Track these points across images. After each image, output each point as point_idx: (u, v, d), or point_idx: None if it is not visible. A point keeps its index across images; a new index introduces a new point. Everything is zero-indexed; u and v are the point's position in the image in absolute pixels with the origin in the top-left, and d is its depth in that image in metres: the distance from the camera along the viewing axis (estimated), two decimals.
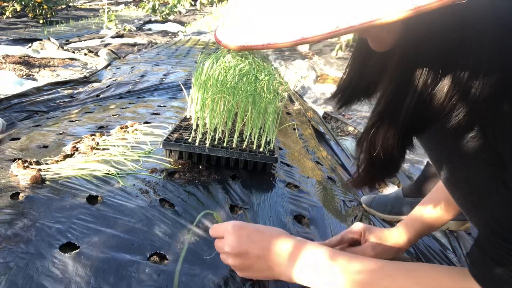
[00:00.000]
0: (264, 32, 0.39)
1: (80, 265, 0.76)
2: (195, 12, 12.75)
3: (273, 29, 0.39)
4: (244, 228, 0.71)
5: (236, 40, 0.42)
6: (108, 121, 1.74)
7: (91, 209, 0.94)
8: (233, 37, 0.42)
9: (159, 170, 1.18)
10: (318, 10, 0.37)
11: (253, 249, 0.68)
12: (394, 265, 0.62)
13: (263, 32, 0.39)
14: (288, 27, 0.38)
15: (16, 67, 3.82)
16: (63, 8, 11.04)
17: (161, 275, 0.78)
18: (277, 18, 0.39)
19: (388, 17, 0.35)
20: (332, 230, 1.06)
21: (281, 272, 0.68)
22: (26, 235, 0.82)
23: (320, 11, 0.37)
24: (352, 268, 0.63)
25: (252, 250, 0.68)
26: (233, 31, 0.43)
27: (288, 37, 0.38)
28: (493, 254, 0.50)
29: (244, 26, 0.42)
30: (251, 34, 0.40)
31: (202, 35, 7.20)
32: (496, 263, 0.50)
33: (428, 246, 1.14)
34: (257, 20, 0.40)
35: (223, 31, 0.45)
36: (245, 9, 0.42)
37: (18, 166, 1.08)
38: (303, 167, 1.46)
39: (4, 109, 2.38)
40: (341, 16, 0.36)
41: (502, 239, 0.48)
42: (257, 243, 0.68)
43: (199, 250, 0.86)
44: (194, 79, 1.40)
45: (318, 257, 0.66)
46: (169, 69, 3.44)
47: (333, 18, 0.36)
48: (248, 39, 0.40)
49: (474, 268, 0.54)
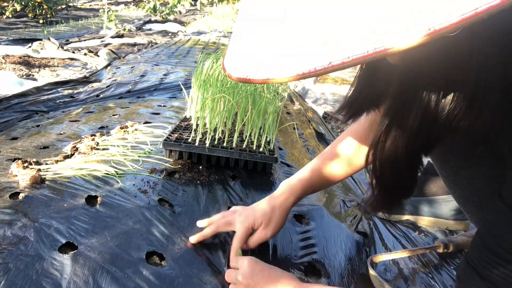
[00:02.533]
0: (265, 66, 0.38)
1: (79, 265, 0.76)
2: (195, 12, 12.75)
3: (274, 64, 0.38)
4: (259, 264, 0.75)
5: (237, 72, 0.42)
6: (108, 121, 1.74)
7: (90, 210, 0.94)
8: (234, 68, 0.43)
9: (158, 170, 1.18)
10: (327, 44, 0.34)
11: (263, 283, 0.71)
12: None
13: (263, 66, 0.39)
14: (290, 63, 0.36)
15: (16, 67, 3.82)
16: (63, 8, 11.04)
17: (159, 276, 0.77)
18: (280, 52, 0.37)
19: (401, 44, 0.31)
20: (332, 229, 1.06)
21: None
22: (25, 235, 0.82)
23: (327, 46, 0.34)
24: None
25: (261, 283, 0.71)
26: (235, 61, 0.43)
27: (288, 73, 0.36)
28: (480, 268, 0.49)
29: (246, 58, 0.41)
30: (252, 67, 0.40)
31: (202, 35, 7.20)
32: (481, 277, 0.49)
33: (427, 244, 1.13)
34: (259, 54, 0.40)
35: (228, 60, 0.45)
36: (248, 41, 0.42)
37: (17, 166, 1.08)
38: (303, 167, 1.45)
39: (4, 109, 2.37)
40: (347, 51, 0.33)
41: (492, 254, 0.48)
42: (267, 278, 0.72)
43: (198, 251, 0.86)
44: (194, 79, 1.40)
45: None
46: (169, 69, 3.44)
47: (340, 52, 0.33)
48: (249, 72, 0.40)
49: (460, 283, 0.53)
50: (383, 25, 0.31)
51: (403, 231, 1.19)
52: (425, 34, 0.29)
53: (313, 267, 0.91)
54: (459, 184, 0.64)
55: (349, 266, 0.95)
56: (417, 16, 0.30)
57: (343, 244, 1.02)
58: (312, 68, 0.35)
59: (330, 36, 0.34)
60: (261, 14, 0.40)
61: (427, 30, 0.29)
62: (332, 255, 0.96)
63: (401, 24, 0.31)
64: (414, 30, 0.30)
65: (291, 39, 0.37)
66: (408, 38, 0.30)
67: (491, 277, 0.48)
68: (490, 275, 0.48)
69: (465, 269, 0.51)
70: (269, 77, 0.38)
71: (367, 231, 1.14)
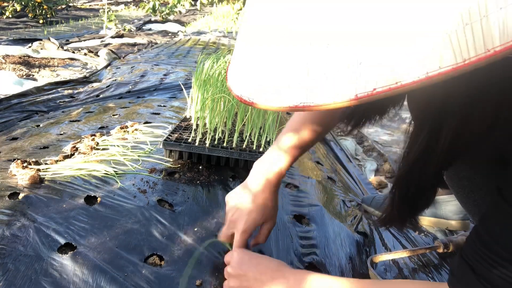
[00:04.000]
0: (268, 92, 0.37)
1: (78, 265, 0.76)
2: (195, 12, 12.74)
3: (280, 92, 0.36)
4: (248, 254, 0.75)
5: (239, 90, 0.40)
6: (108, 121, 1.74)
7: (89, 210, 0.94)
8: (237, 85, 0.41)
9: (158, 170, 1.18)
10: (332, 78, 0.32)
11: (252, 271, 0.71)
12: (370, 281, 0.63)
13: (267, 92, 0.37)
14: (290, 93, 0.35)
15: (16, 67, 3.82)
16: (63, 8, 11.04)
17: (158, 276, 0.77)
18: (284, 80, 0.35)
19: (410, 79, 0.30)
20: (332, 229, 1.06)
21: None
22: (24, 235, 0.82)
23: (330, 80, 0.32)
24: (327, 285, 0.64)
25: (251, 272, 0.71)
26: (239, 77, 0.41)
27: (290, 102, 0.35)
28: (474, 263, 0.49)
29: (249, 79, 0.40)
30: (255, 89, 0.38)
31: (202, 35, 7.20)
32: (474, 272, 0.49)
33: (428, 244, 1.13)
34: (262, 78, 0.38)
35: (232, 73, 0.43)
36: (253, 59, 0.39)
37: (17, 166, 1.08)
38: (303, 167, 1.45)
39: (4, 109, 2.37)
40: (358, 84, 0.31)
41: (489, 250, 0.47)
42: (256, 266, 0.72)
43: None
44: (194, 79, 1.40)
45: (312, 283, 0.67)
46: (169, 69, 3.44)
47: (346, 87, 0.32)
48: (251, 95, 0.39)
49: (452, 276, 0.53)
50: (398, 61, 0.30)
51: (403, 231, 1.19)
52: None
53: (313, 267, 0.91)
54: (461, 184, 0.64)
55: (349, 266, 0.95)
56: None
57: (343, 244, 1.02)
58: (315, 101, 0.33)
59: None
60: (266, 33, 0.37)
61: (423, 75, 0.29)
62: (333, 255, 0.96)
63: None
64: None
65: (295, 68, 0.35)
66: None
67: (484, 273, 0.48)
68: (483, 270, 0.48)
69: (459, 264, 0.51)
70: (274, 105, 0.36)
71: (367, 231, 1.13)
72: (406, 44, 0.30)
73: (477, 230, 0.50)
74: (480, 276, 0.48)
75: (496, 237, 0.47)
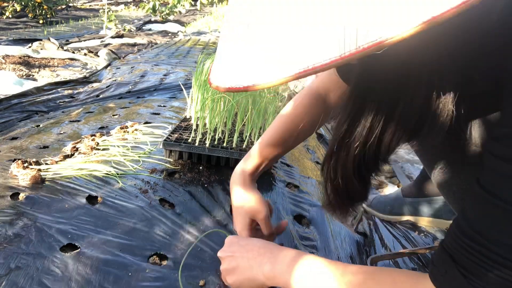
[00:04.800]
0: (249, 74, 0.38)
1: (80, 265, 0.76)
2: (195, 12, 12.75)
3: (257, 70, 0.37)
4: (237, 237, 0.77)
5: (224, 83, 0.41)
6: (108, 121, 1.74)
7: (91, 210, 0.94)
8: (221, 80, 0.42)
9: (159, 170, 1.18)
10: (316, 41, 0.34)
11: (239, 251, 0.72)
12: (356, 266, 0.63)
13: (248, 74, 0.38)
14: (274, 67, 0.36)
15: (16, 67, 3.82)
16: (63, 8, 11.04)
17: (160, 275, 0.78)
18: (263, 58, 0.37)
19: (398, 34, 0.30)
20: (332, 230, 1.06)
21: (259, 271, 0.69)
22: (26, 235, 0.82)
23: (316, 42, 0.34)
24: (316, 265, 0.63)
25: (238, 252, 0.72)
26: (221, 73, 0.43)
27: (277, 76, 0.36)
28: (453, 251, 0.49)
29: (230, 69, 0.41)
30: (236, 76, 0.40)
31: (202, 35, 7.20)
32: (453, 260, 0.49)
33: (427, 244, 1.13)
34: (241, 63, 0.39)
35: (218, 70, 0.44)
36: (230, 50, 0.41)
37: (17, 166, 1.08)
38: (303, 167, 1.45)
39: (4, 109, 2.37)
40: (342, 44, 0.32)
41: (466, 237, 0.47)
42: (244, 246, 0.73)
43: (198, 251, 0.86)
44: (194, 79, 1.40)
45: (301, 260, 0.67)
46: (169, 69, 3.44)
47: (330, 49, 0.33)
48: (234, 82, 0.40)
49: (432, 265, 0.53)
50: (371, 19, 0.31)
51: (403, 231, 1.19)
52: (422, 22, 0.30)
53: None
54: (451, 190, 0.64)
55: None
56: (411, 5, 0.31)
57: (343, 244, 1.02)
58: (297, 70, 0.34)
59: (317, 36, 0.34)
60: (238, 19, 0.39)
61: (423, 19, 0.30)
62: (333, 255, 0.96)
63: (394, 15, 0.31)
64: (409, 19, 0.30)
65: (273, 43, 0.36)
66: (405, 26, 0.30)
67: (461, 260, 0.48)
68: (461, 257, 0.48)
69: (439, 253, 0.52)
70: (255, 83, 0.37)
71: (367, 231, 1.14)
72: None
73: (456, 219, 0.50)
74: (458, 264, 0.48)
75: (471, 223, 0.47)
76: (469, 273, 0.47)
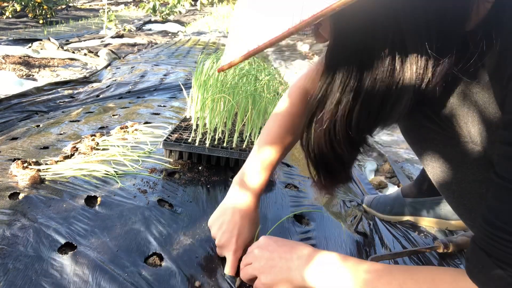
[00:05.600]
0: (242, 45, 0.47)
1: (78, 265, 0.76)
2: (195, 12, 12.74)
3: (248, 40, 0.46)
4: (273, 237, 0.79)
5: (225, 60, 0.51)
6: (108, 121, 1.74)
7: (90, 210, 0.94)
8: (224, 60, 0.52)
9: (158, 170, 1.18)
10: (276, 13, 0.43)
11: (278, 251, 0.74)
12: (394, 266, 0.63)
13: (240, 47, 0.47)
14: (265, 29, 0.44)
15: (16, 67, 3.82)
16: (63, 8, 11.04)
17: (158, 276, 0.77)
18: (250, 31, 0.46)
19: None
20: (332, 230, 1.06)
21: (297, 273, 0.69)
22: (25, 235, 0.82)
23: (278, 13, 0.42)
24: (360, 268, 0.64)
25: (277, 251, 0.74)
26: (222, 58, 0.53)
27: (266, 37, 0.43)
28: (485, 245, 0.49)
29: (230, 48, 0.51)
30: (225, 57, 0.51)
31: (202, 35, 7.20)
32: (487, 255, 0.49)
33: (427, 244, 1.13)
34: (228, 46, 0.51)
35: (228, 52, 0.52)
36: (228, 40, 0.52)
37: (17, 166, 1.08)
38: (303, 167, 1.45)
39: (4, 109, 2.37)
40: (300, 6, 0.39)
41: (495, 229, 0.47)
42: (282, 246, 0.74)
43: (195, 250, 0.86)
44: (194, 79, 1.40)
45: (330, 259, 0.68)
46: (169, 69, 3.44)
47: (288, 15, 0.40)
48: (232, 56, 0.49)
49: (468, 263, 0.53)
50: None
51: (403, 232, 1.19)
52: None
53: None
54: (450, 189, 0.64)
55: None
56: None
57: (343, 244, 1.02)
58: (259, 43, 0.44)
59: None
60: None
61: None
62: None
63: None
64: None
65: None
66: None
67: (497, 254, 0.48)
68: (496, 251, 0.48)
69: (472, 250, 0.52)
70: (249, 49, 0.46)
71: (367, 231, 1.13)
72: None
73: (483, 214, 0.50)
74: (493, 257, 0.48)
75: (497, 214, 0.47)
76: (506, 264, 0.47)
